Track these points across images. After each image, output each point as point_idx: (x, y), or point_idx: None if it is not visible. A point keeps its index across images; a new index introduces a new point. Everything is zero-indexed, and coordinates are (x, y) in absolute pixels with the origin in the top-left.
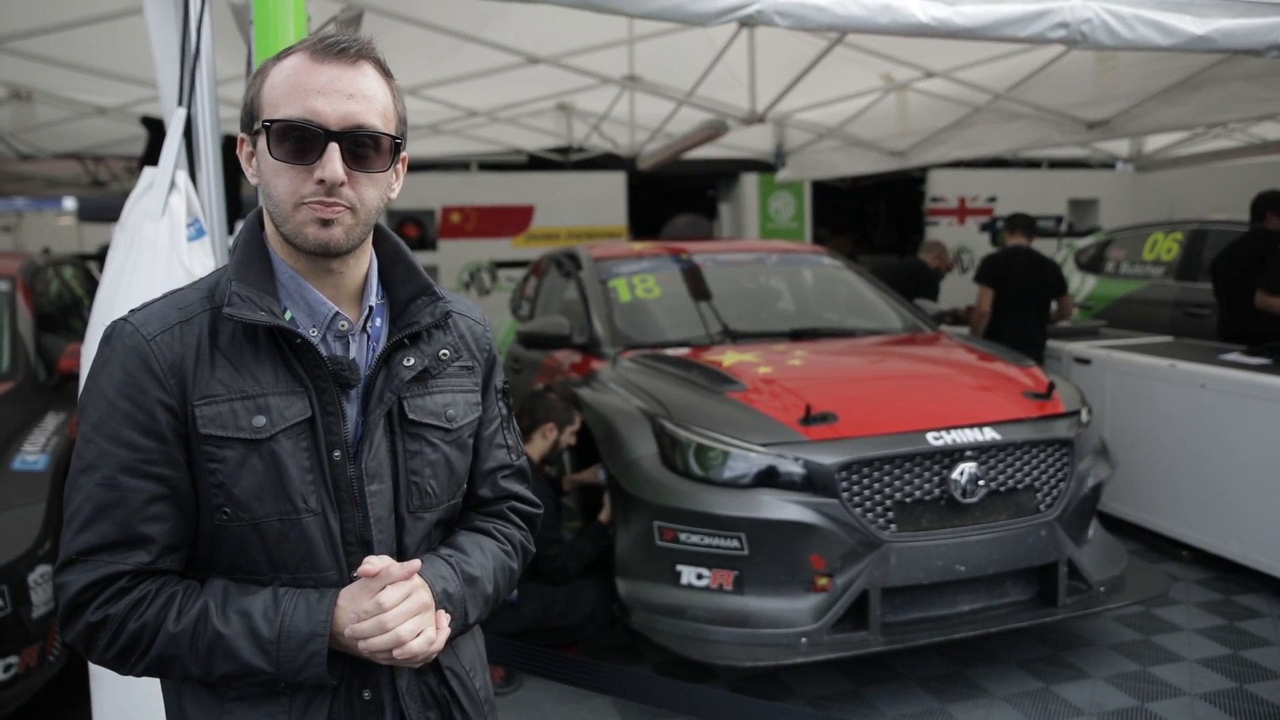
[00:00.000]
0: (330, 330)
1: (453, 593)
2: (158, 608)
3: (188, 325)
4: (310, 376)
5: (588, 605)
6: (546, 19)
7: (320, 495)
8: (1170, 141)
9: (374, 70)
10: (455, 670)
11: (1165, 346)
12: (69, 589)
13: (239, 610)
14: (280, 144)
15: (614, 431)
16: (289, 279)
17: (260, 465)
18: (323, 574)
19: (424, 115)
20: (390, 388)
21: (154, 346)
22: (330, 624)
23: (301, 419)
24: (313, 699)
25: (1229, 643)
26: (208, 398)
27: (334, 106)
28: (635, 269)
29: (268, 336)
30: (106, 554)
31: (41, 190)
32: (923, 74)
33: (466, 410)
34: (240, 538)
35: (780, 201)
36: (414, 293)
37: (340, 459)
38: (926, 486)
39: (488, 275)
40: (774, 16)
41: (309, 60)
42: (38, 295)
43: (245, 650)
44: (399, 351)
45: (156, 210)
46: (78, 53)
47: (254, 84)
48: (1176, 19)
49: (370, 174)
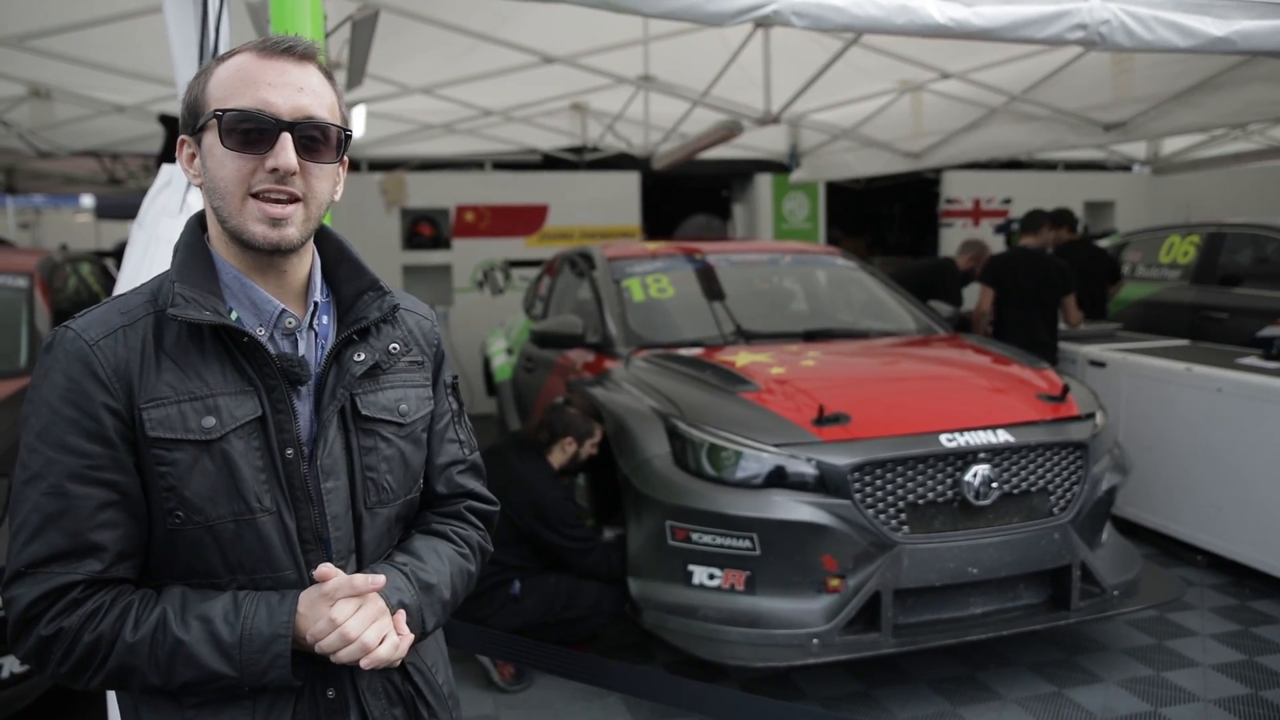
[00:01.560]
0: (277, 328)
1: (409, 603)
2: (114, 618)
3: (131, 329)
4: (259, 375)
5: (591, 598)
6: (562, 19)
7: (274, 494)
8: (1188, 144)
9: (319, 71)
10: (418, 666)
11: (1181, 350)
12: (19, 603)
13: (199, 616)
14: (231, 133)
15: (627, 431)
16: (232, 279)
17: (212, 466)
18: (280, 574)
19: (439, 114)
20: (342, 384)
21: (97, 351)
22: (293, 624)
23: (252, 418)
24: (276, 701)
25: (1244, 648)
26: (155, 400)
27: (285, 98)
28: (649, 269)
29: (214, 336)
30: (57, 564)
31: (59, 187)
32: (938, 75)
33: (419, 405)
34: (195, 541)
35: (794, 202)
36: (360, 289)
37: (293, 456)
38: (939, 488)
39: (501, 274)
40: (791, 17)
41: (257, 57)
42: (55, 291)
43: (207, 656)
44: (349, 347)
45: (174, 207)
46: (96, 51)
47: (195, 84)
48: (1196, 20)
49: (320, 164)
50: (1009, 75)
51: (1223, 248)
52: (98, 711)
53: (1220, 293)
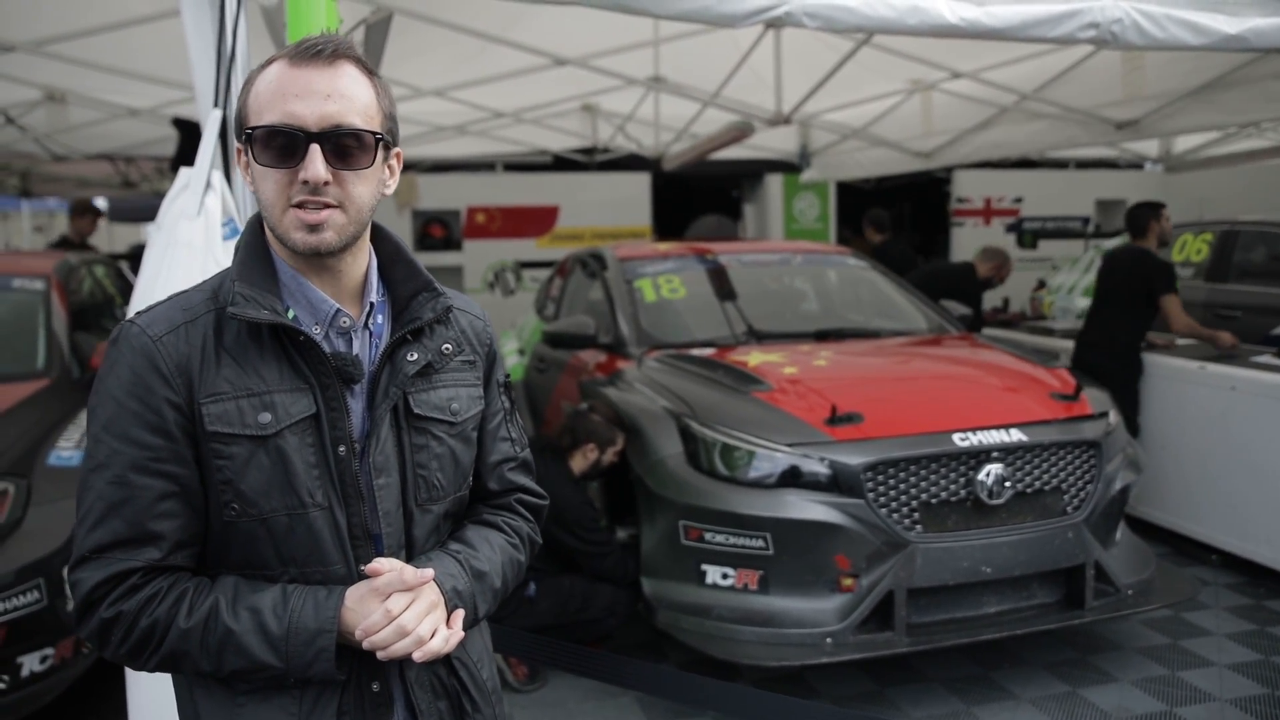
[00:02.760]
0: (332, 327)
1: (462, 589)
2: (169, 604)
3: (193, 325)
4: (314, 373)
5: (605, 599)
6: (572, 20)
7: (326, 489)
8: (1200, 142)
9: (354, 68)
10: (464, 661)
11: (1195, 348)
12: (83, 586)
13: (248, 607)
14: (265, 150)
15: (640, 431)
16: (290, 278)
17: (267, 461)
18: (330, 567)
19: (450, 116)
20: (395, 383)
21: (160, 347)
22: (338, 620)
23: (306, 415)
24: (322, 692)
25: (1260, 648)
26: (214, 395)
27: (311, 109)
28: (660, 269)
29: (271, 335)
30: (119, 551)
31: (73, 191)
32: (949, 74)
33: (470, 404)
34: (249, 533)
35: (805, 202)
36: (415, 289)
37: (345, 454)
38: (952, 487)
39: (512, 275)
40: (803, 17)
41: (288, 66)
42: (71, 294)
43: (255, 646)
44: (402, 347)
45: (192, 210)
46: (111, 55)
47: (241, 95)
48: (1209, 18)
49: (355, 171)
50: (1020, 74)
51: (1236, 246)
52: (117, 710)
53: (1233, 291)
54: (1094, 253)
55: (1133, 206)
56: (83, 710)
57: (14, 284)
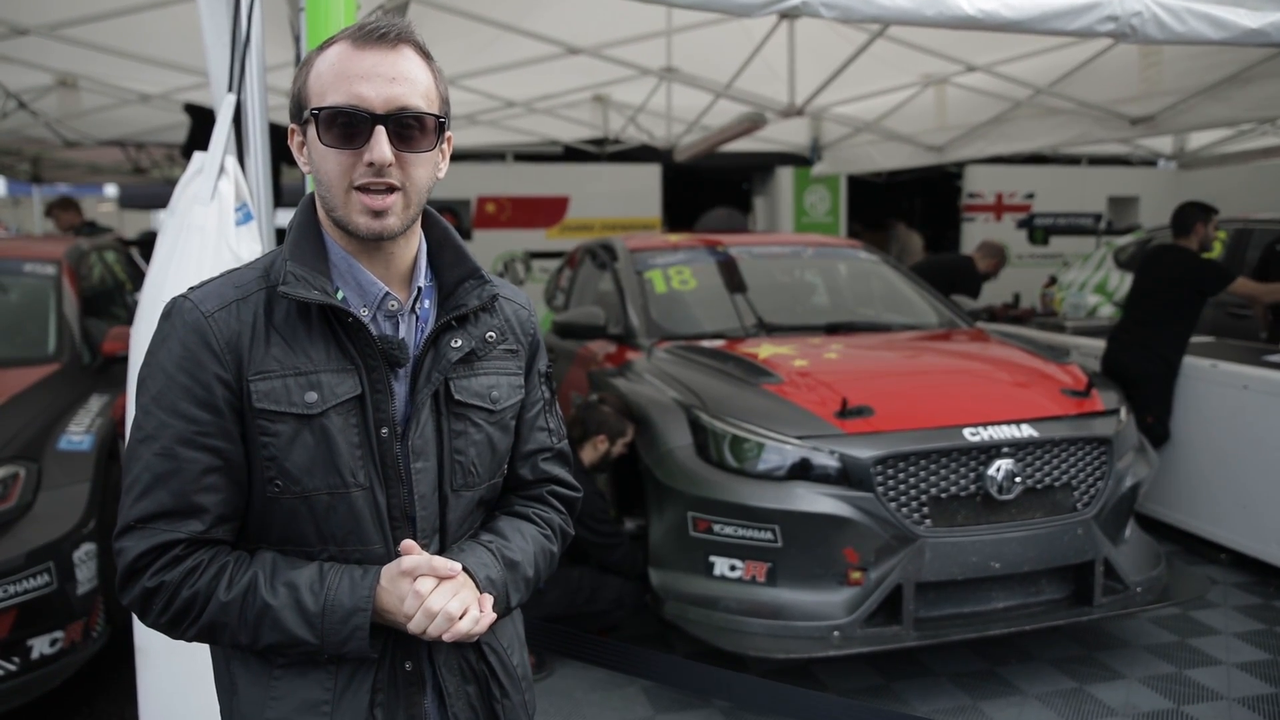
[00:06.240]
0: (380, 310)
1: (495, 578)
2: (210, 576)
3: (244, 303)
4: (361, 355)
5: (614, 591)
6: (585, 9)
7: (369, 470)
8: (1215, 138)
9: (414, 53)
10: (494, 646)
11: (1207, 346)
12: (127, 554)
13: (286, 583)
14: (329, 130)
15: (649, 422)
16: (341, 259)
17: (311, 440)
18: (369, 547)
19: (461, 105)
20: (438, 368)
21: (212, 323)
22: (373, 599)
23: (351, 396)
24: (357, 669)
25: (1268, 647)
26: (262, 373)
27: (378, 91)
28: (671, 261)
29: (320, 315)
30: (163, 522)
31: (84, 177)
32: (963, 68)
33: (510, 392)
34: (291, 510)
35: (816, 195)
36: (462, 276)
37: (388, 436)
38: (962, 482)
39: (522, 265)
40: (819, 7)
41: (351, 48)
42: (82, 279)
43: (291, 622)
44: (446, 333)
45: (206, 195)
46: (123, 41)
47: (300, 75)
48: (1229, 12)
49: (417, 154)
50: (1034, 68)
51: (1249, 243)
52: (126, 692)
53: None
54: (1106, 249)
55: (1182, 205)
56: (93, 692)
57: (25, 269)
